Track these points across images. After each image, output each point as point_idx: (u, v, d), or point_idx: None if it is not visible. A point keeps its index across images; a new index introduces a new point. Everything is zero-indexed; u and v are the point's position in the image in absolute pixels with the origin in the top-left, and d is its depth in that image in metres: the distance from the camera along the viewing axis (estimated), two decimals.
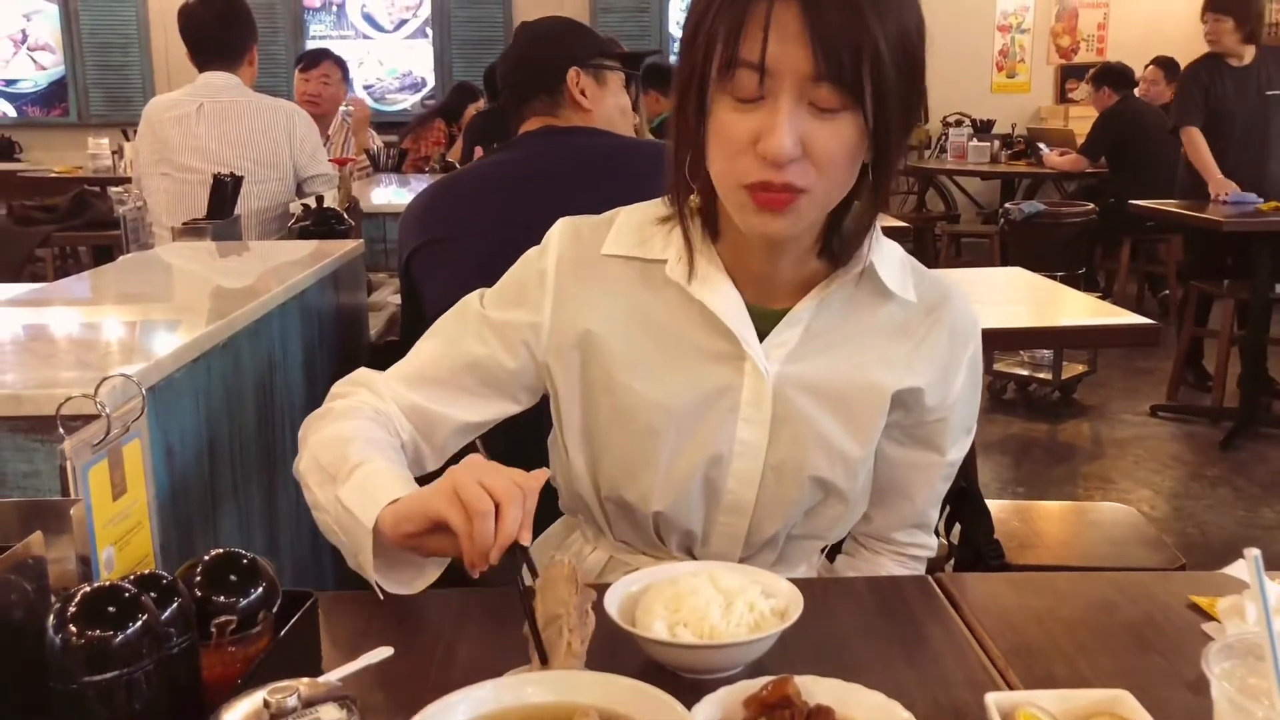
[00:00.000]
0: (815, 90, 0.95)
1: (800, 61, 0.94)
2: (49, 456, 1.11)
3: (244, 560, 0.85)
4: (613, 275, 1.15)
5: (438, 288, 1.87)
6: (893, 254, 1.15)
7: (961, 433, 1.21)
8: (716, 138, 1.01)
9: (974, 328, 1.19)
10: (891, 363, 1.14)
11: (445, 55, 8.55)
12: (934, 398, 1.16)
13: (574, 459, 1.17)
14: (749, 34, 0.95)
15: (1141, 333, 2.19)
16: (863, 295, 1.14)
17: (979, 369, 1.21)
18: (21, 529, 0.79)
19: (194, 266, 2.12)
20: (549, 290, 1.15)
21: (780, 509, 1.15)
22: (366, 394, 1.16)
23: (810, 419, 1.12)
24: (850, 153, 0.99)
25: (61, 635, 0.71)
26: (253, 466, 1.60)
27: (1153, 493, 3.89)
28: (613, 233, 1.17)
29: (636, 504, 1.15)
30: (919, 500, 1.23)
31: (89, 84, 8.43)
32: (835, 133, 0.97)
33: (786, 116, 0.95)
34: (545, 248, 1.18)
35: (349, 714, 0.69)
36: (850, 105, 0.96)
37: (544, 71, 1.96)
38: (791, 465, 1.13)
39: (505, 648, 0.96)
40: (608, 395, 1.14)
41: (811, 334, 1.12)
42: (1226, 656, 0.72)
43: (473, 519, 0.89)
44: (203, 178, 2.85)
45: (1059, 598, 1.07)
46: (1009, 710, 0.79)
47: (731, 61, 0.96)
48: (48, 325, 1.55)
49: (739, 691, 0.82)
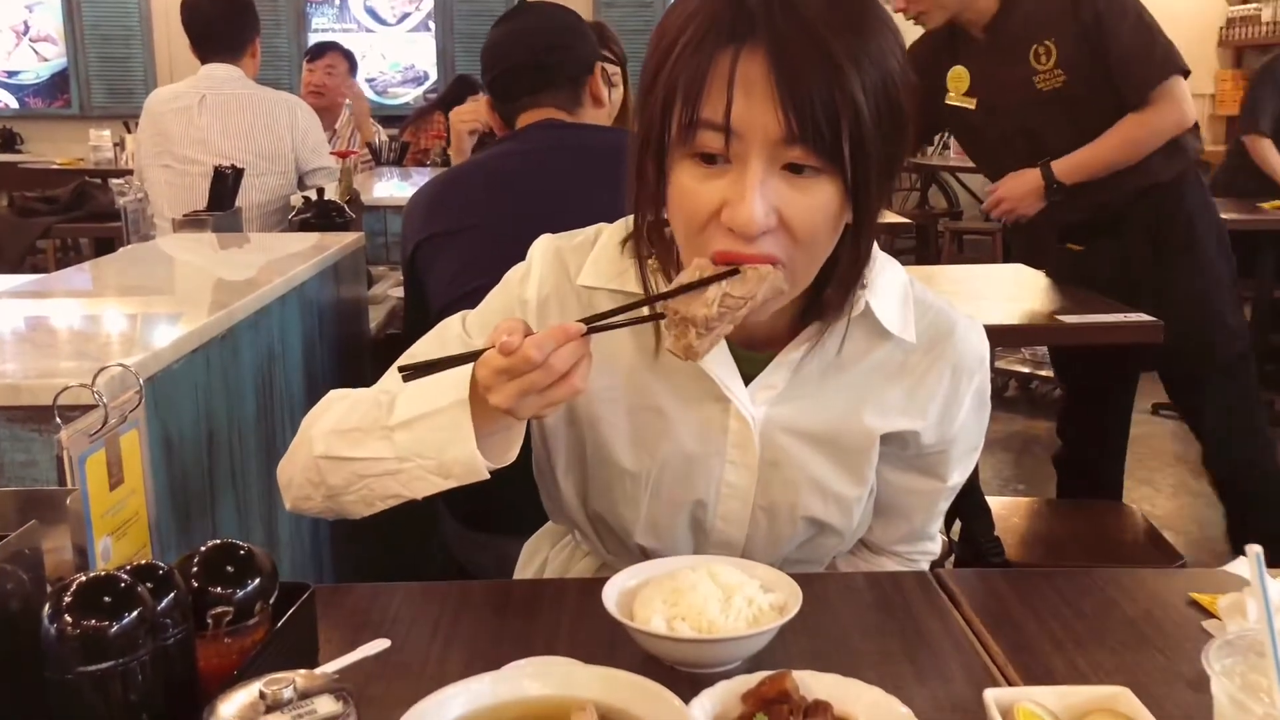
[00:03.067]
0: (788, 153, 0.87)
1: (770, 123, 0.85)
2: (46, 446, 1.11)
3: (241, 551, 0.84)
4: (595, 305, 1.06)
5: (442, 280, 1.86)
6: (893, 288, 1.08)
7: (965, 455, 1.16)
8: (678, 207, 0.92)
9: (980, 363, 1.12)
10: (885, 405, 1.08)
11: (448, 49, 8.53)
12: (932, 436, 1.11)
13: (562, 483, 1.14)
14: (712, 90, 0.86)
15: (1143, 330, 2.19)
16: (858, 334, 1.06)
17: (985, 396, 1.14)
18: (18, 519, 0.79)
19: (194, 258, 2.12)
20: (532, 320, 1.08)
21: (772, 545, 1.13)
22: (345, 402, 1.08)
23: (800, 462, 1.08)
24: (830, 220, 0.91)
25: (57, 625, 0.71)
26: (252, 458, 1.60)
27: (1153, 490, 3.88)
28: (590, 261, 1.09)
29: (622, 534, 1.13)
30: (918, 521, 1.21)
31: (91, 76, 8.41)
32: (812, 200, 0.88)
33: (756, 183, 0.86)
34: (527, 274, 1.11)
35: (345, 706, 0.69)
36: (827, 167, 0.88)
37: (573, 63, 1.91)
38: (784, 506, 1.10)
39: (503, 640, 0.96)
40: (590, 431, 1.10)
41: (801, 377, 1.06)
42: (1227, 653, 0.72)
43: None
44: (204, 170, 2.85)
45: (1059, 595, 1.07)
46: (1008, 707, 0.79)
47: (693, 122, 0.87)
48: (47, 316, 1.55)
49: (737, 686, 0.82)
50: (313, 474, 1.04)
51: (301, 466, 1.06)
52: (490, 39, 1.95)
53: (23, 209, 4.78)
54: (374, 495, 1.01)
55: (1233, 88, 8.57)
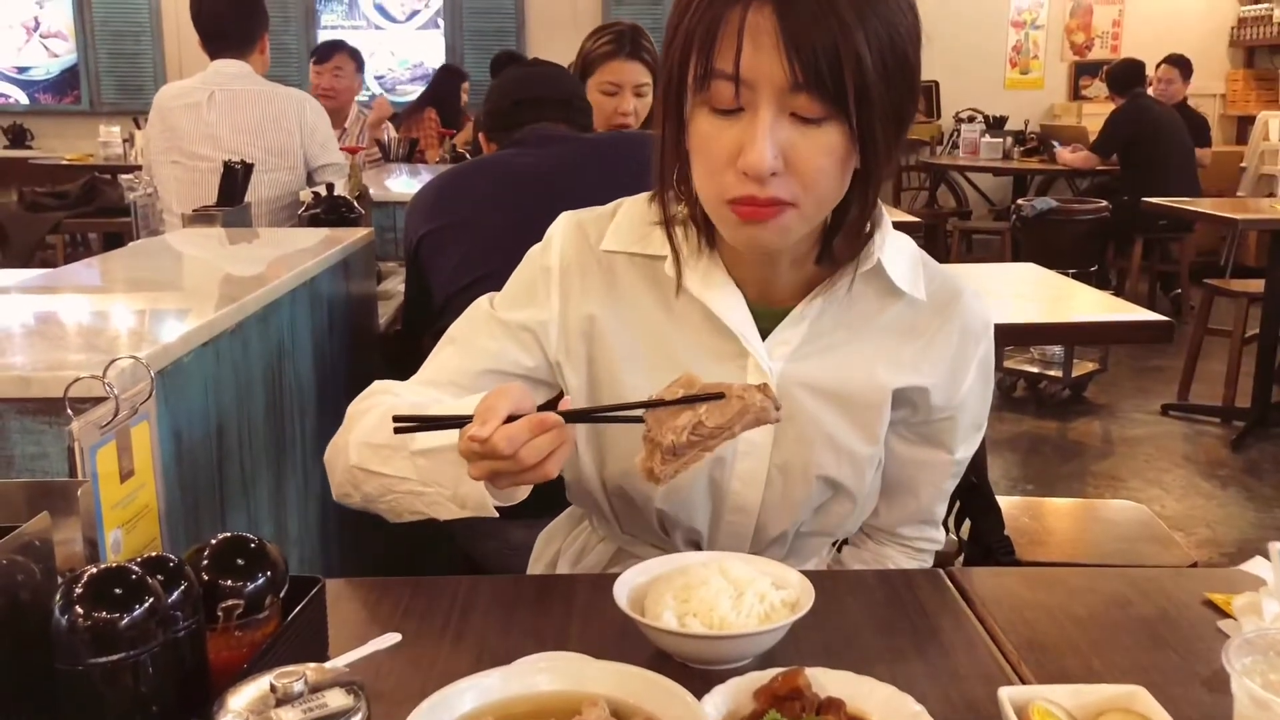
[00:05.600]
0: (795, 100, 0.91)
1: (776, 71, 0.90)
2: (57, 439, 1.11)
3: (252, 545, 0.84)
4: (615, 270, 1.13)
5: (445, 272, 1.87)
6: (904, 250, 1.12)
7: (971, 430, 1.19)
8: (697, 152, 0.98)
9: (986, 328, 1.16)
10: (897, 361, 1.11)
11: (457, 46, 8.53)
12: (941, 397, 1.14)
13: (581, 453, 1.16)
14: (723, 43, 0.91)
15: (1154, 329, 2.18)
16: (870, 293, 1.11)
17: (990, 368, 1.18)
18: (28, 510, 0.79)
19: (204, 253, 2.12)
20: (555, 285, 1.14)
21: (787, 508, 1.14)
22: (387, 399, 1.13)
23: (815, 418, 1.11)
24: (837, 163, 0.95)
25: (68, 616, 0.70)
26: (261, 452, 1.60)
27: (1163, 491, 3.87)
28: (613, 227, 1.14)
29: (641, 501, 1.14)
30: (924, 498, 1.22)
31: (101, 71, 8.43)
32: (819, 143, 0.93)
33: (765, 129, 0.91)
34: (548, 244, 1.16)
35: (356, 700, 0.68)
36: (834, 114, 0.92)
37: (585, 111, 2.09)
38: (798, 464, 1.12)
39: (513, 635, 0.96)
40: (610, 390, 1.12)
41: (815, 332, 1.10)
42: (1247, 652, 0.71)
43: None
44: (213, 165, 2.85)
45: (1071, 593, 1.06)
46: (1022, 705, 0.79)
47: (707, 72, 0.93)
48: (56, 310, 1.55)
49: (749, 683, 0.81)
50: (351, 478, 1.09)
51: (342, 468, 1.10)
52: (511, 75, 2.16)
53: (33, 204, 4.79)
54: (402, 508, 1.05)
55: (1244, 88, 8.54)
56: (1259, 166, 7.27)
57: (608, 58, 2.42)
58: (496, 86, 2.13)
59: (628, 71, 2.42)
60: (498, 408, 0.89)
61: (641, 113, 2.45)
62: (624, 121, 2.41)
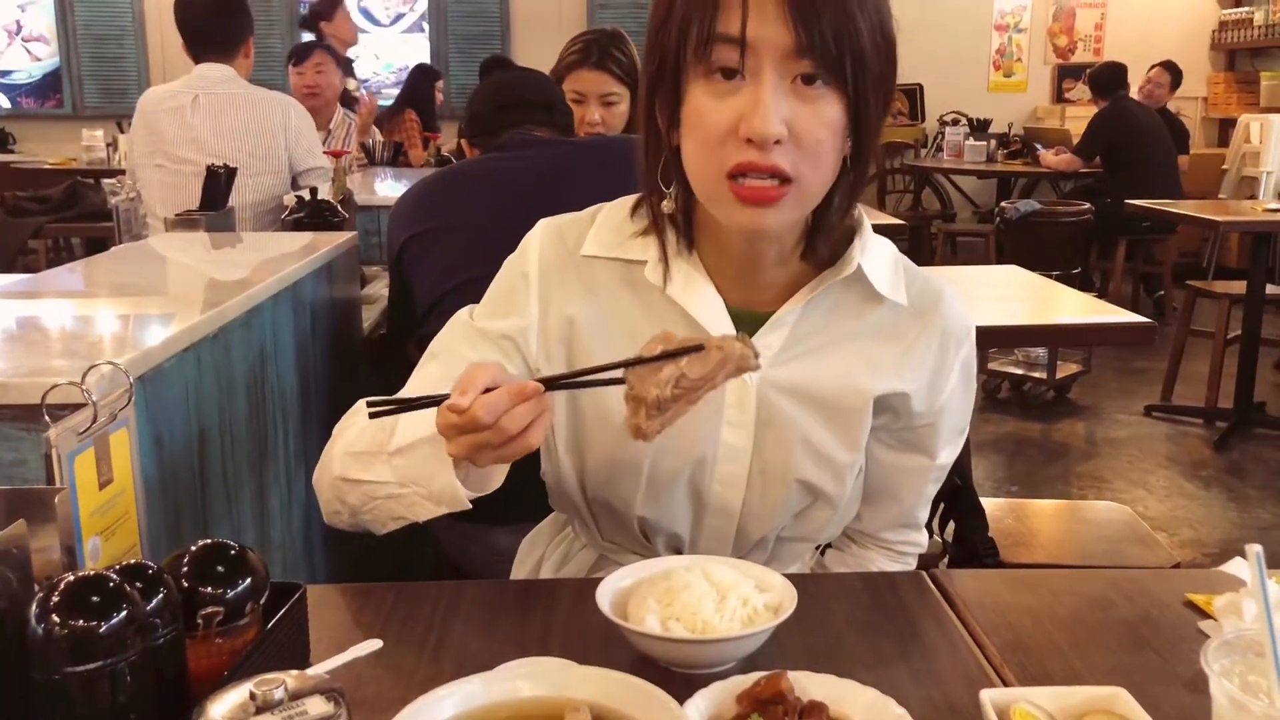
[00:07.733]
0: (797, 65, 0.94)
1: (782, 36, 0.93)
2: (35, 445, 1.10)
3: (232, 551, 0.83)
4: (594, 275, 1.13)
5: (429, 276, 1.87)
6: (884, 255, 1.12)
7: (953, 434, 1.19)
8: (694, 128, 0.98)
9: (967, 332, 1.16)
10: (878, 367, 1.11)
11: (442, 50, 8.52)
12: (922, 403, 1.13)
13: (562, 460, 1.16)
14: (727, 9, 0.94)
15: (1138, 331, 2.19)
16: (851, 298, 1.11)
17: (972, 372, 1.18)
18: (5, 517, 0.78)
19: (186, 257, 2.11)
20: (534, 291, 1.13)
21: (768, 512, 1.13)
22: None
23: (795, 423, 1.10)
24: (835, 135, 0.97)
25: (44, 625, 0.70)
26: (244, 458, 1.59)
27: (1146, 492, 3.89)
28: (592, 232, 1.14)
29: (621, 507, 1.14)
30: (907, 502, 1.22)
31: (84, 75, 8.39)
32: (819, 113, 0.95)
33: (770, 94, 0.93)
34: (525, 251, 1.16)
35: (336, 707, 0.68)
36: (832, 83, 0.95)
37: (567, 114, 2.11)
38: (777, 468, 1.11)
39: (496, 641, 0.95)
40: (589, 394, 1.11)
41: (796, 337, 1.10)
42: (1226, 653, 0.71)
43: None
44: (197, 169, 2.84)
45: (1054, 595, 1.07)
46: (1004, 707, 0.79)
47: (709, 37, 0.94)
48: (37, 315, 1.54)
49: (732, 687, 0.81)
50: (337, 492, 1.09)
51: (328, 484, 1.10)
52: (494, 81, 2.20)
53: (14, 209, 4.76)
54: (385, 515, 1.05)
55: (1225, 90, 8.59)
56: (1240, 169, 7.31)
57: (573, 67, 2.42)
58: (479, 91, 2.15)
59: (593, 82, 2.41)
60: (476, 379, 0.89)
61: (610, 122, 2.43)
62: (592, 131, 2.40)
